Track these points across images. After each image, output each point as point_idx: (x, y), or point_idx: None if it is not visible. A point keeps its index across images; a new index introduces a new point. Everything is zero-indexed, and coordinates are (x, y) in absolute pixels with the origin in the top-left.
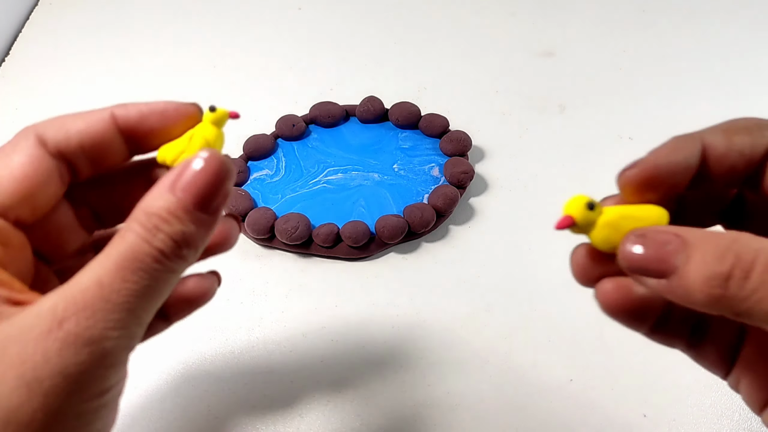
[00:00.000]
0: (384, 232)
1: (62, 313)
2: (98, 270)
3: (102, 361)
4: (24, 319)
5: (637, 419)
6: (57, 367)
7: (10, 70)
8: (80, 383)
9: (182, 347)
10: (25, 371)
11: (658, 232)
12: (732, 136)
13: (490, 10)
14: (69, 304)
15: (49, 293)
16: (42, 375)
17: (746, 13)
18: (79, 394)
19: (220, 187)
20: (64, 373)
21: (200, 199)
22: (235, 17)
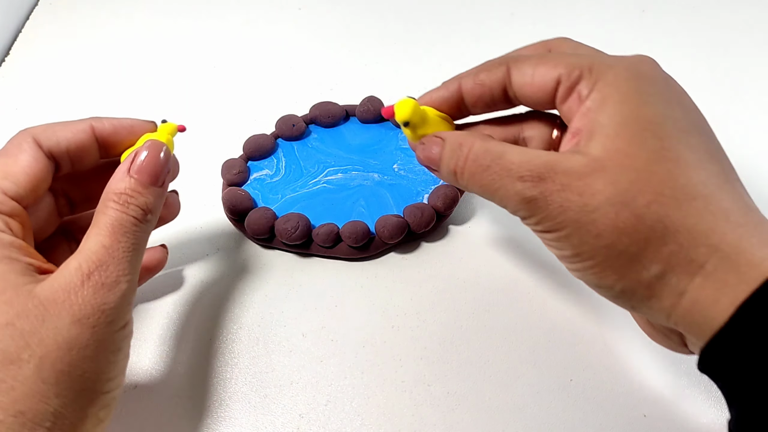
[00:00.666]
0: (384, 232)
1: (87, 269)
2: (98, 238)
3: (122, 298)
4: (60, 277)
5: (637, 419)
6: (95, 305)
7: (10, 70)
8: (112, 317)
9: (182, 347)
10: (74, 311)
11: (431, 137)
12: (479, 73)
13: (490, 10)
14: (89, 263)
15: (68, 259)
16: (86, 313)
17: (746, 13)
18: (112, 326)
19: (163, 166)
20: (101, 309)
21: (151, 176)
22: (235, 17)
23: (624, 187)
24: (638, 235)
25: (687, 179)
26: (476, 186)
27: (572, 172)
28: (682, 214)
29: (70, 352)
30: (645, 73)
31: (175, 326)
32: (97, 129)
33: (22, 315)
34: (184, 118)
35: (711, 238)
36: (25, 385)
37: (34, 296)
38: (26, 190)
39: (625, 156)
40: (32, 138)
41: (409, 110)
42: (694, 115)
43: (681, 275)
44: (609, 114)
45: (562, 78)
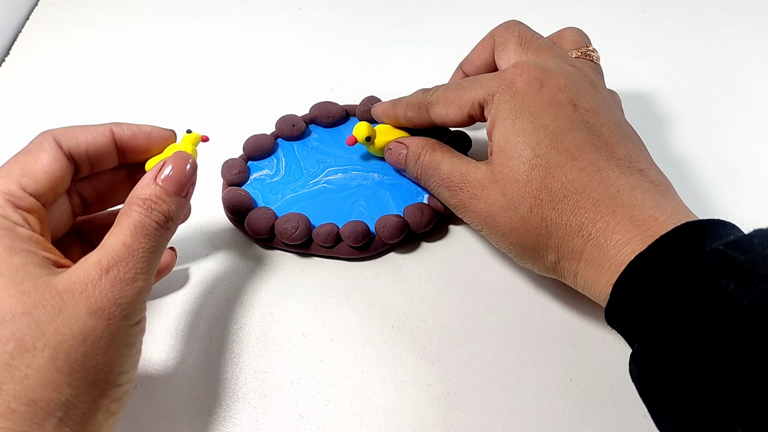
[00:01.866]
0: (384, 232)
1: (106, 264)
2: (120, 236)
3: (138, 295)
4: (78, 270)
5: (636, 419)
6: (112, 299)
7: (10, 70)
8: (127, 311)
9: (182, 347)
10: (91, 303)
11: (396, 143)
12: (407, 112)
13: (490, 10)
14: (109, 258)
15: (88, 254)
16: (103, 305)
17: (746, 13)
18: (127, 320)
19: (189, 177)
20: (117, 303)
21: (177, 186)
22: (235, 17)
23: (511, 196)
24: (530, 233)
25: (557, 181)
26: (429, 190)
27: (477, 184)
28: (557, 213)
29: (84, 343)
30: (518, 89)
31: (175, 326)
32: (116, 133)
33: (39, 305)
34: (184, 118)
35: (583, 230)
36: (39, 373)
37: (52, 287)
38: (45, 188)
39: (509, 168)
40: (53, 138)
41: (365, 130)
42: (568, 110)
43: (569, 261)
44: (498, 132)
45: (471, 113)
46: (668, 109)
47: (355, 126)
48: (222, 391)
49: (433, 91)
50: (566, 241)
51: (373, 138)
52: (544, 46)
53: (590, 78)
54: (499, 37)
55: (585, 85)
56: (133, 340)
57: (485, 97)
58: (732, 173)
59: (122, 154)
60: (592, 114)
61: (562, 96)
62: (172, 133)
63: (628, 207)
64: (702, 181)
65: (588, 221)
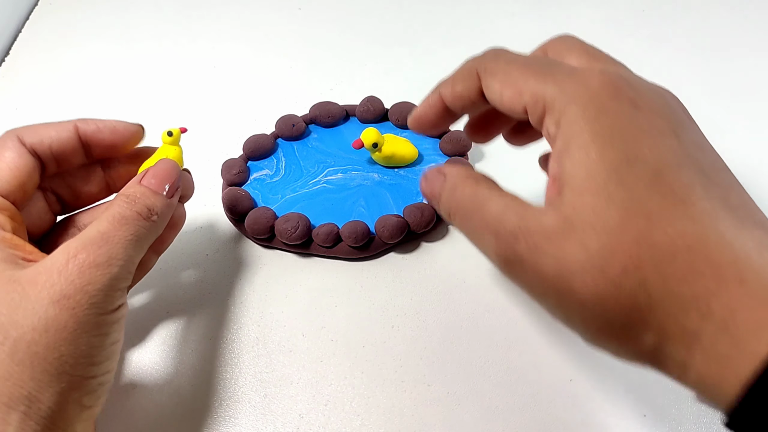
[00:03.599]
0: (384, 232)
1: (74, 250)
2: (97, 226)
3: (112, 281)
4: (45, 261)
5: (637, 419)
6: (78, 285)
7: (10, 70)
8: (97, 299)
9: (182, 347)
10: (55, 292)
11: (435, 171)
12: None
13: (490, 10)
14: (79, 245)
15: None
16: (68, 293)
17: (746, 13)
18: (96, 308)
19: (172, 179)
20: (84, 290)
21: (160, 184)
22: (235, 17)
23: (596, 251)
24: (621, 304)
25: (663, 234)
26: (463, 232)
27: (542, 232)
28: (662, 277)
29: (46, 334)
30: (604, 105)
31: (175, 326)
32: (81, 129)
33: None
34: (184, 118)
35: (700, 304)
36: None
37: (14, 281)
38: (11, 185)
39: (593, 213)
40: (16, 136)
41: (373, 136)
42: (670, 141)
43: (678, 346)
44: (574, 162)
45: (528, 109)
46: None
47: (363, 131)
48: (222, 391)
49: (492, 57)
50: (675, 316)
51: (380, 145)
52: (612, 59)
53: (681, 104)
54: (552, 48)
55: (681, 111)
56: (106, 329)
57: (554, 99)
58: (733, 173)
59: (89, 150)
60: (698, 149)
61: (661, 123)
62: (139, 127)
63: (761, 274)
64: None
65: (707, 292)
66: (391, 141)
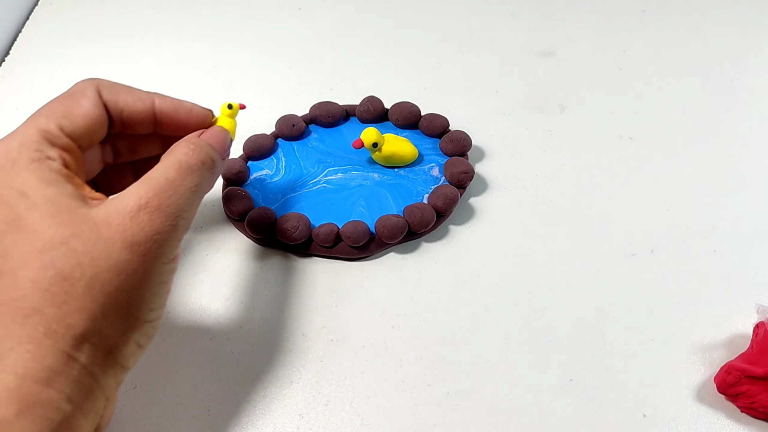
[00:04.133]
0: (384, 232)
1: (145, 196)
2: (163, 171)
3: (176, 231)
4: (116, 202)
5: (637, 419)
6: (149, 233)
7: (10, 70)
8: (163, 248)
9: (182, 347)
10: (127, 236)
11: None
12: None
13: (490, 10)
14: (149, 191)
15: (127, 188)
16: (139, 239)
17: (746, 12)
18: (161, 257)
19: (225, 146)
20: (153, 239)
21: (214, 142)
22: (235, 17)
23: None
24: None
25: None
26: None
27: None
28: None
29: (118, 277)
30: None
31: (175, 326)
32: (158, 104)
33: (77, 235)
34: None
35: None
36: (77, 301)
37: (89, 219)
38: (82, 131)
39: None
40: (96, 88)
41: (373, 136)
42: None
43: None
44: None
45: None
46: (668, 109)
47: (363, 130)
48: (222, 391)
49: None
50: None
51: (380, 145)
52: None
53: None
54: None
55: None
56: (165, 278)
57: None
58: (732, 173)
59: (159, 125)
60: None
61: None
62: (209, 112)
63: None
64: (702, 180)
65: None
66: (391, 141)
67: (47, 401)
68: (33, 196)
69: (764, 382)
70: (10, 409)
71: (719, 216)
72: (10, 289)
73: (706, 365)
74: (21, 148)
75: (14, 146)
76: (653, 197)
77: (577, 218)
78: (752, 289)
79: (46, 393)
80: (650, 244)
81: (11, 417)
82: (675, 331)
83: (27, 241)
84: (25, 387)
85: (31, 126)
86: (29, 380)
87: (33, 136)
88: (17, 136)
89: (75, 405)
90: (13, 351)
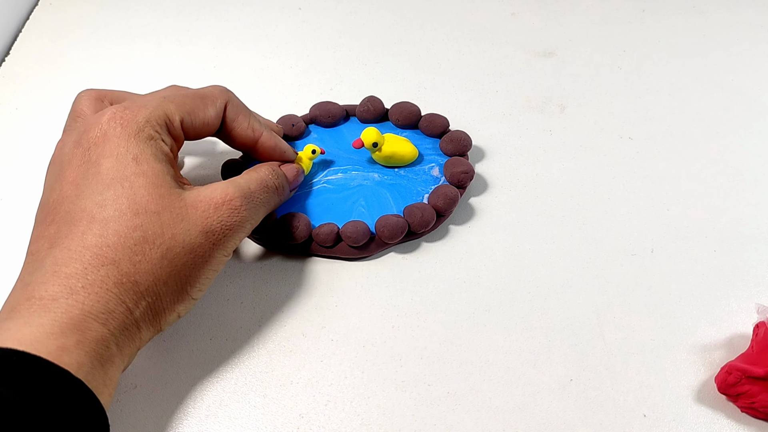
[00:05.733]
0: (384, 232)
1: (231, 195)
2: (249, 182)
3: (241, 232)
4: (206, 191)
5: (637, 419)
6: (226, 226)
7: (10, 70)
8: (228, 241)
9: (182, 347)
10: (206, 224)
11: None
12: None
13: (490, 10)
14: (236, 192)
15: (217, 183)
16: (216, 229)
17: (746, 12)
18: (224, 249)
19: (296, 176)
20: (226, 233)
21: (290, 176)
22: (235, 17)
23: None
24: None
25: None
26: None
27: None
28: None
29: (188, 255)
30: None
31: (175, 326)
32: (262, 140)
33: (167, 209)
34: None
35: None
36: (149, 264)
37: (182, 198)
38: (194, 133)
39: None
40: (225, 101)
41: (373, 136)
42: None
43: None
44: None
45: None
46: (668, 109)
47: (363, 130)
48: (222, 391)
49: None
50: None
51: (380, 145)
52: None
53: None
54: None
55: None
56: (219, 266)
57: None
58: (732, 173)
59: (253, 152)
60: None
61: None
62: (296, 155)
63: None
64: (702, 180)
65: None
66: (391, 141)
67: (101, 339)
68: (144, 166)
69: (765, 382)
70: (71, 338)
71: (719, 216)
72: (98, 236)
73: (707, 365)
74: (146, 123)
75: (142, 118)
76: (653, 197)
77: (577, 218)
78: (752, 289)
79: (101, 332)
80: (650, 244)
81: (71, 345)
82: (675, 331)
83: (126, 201)
84: (87, 323)
85: (160, 108)
86: (91, 318)
87: (159, 118)
88: (146, 109)
89: (119, 347)
90: (84, 290)
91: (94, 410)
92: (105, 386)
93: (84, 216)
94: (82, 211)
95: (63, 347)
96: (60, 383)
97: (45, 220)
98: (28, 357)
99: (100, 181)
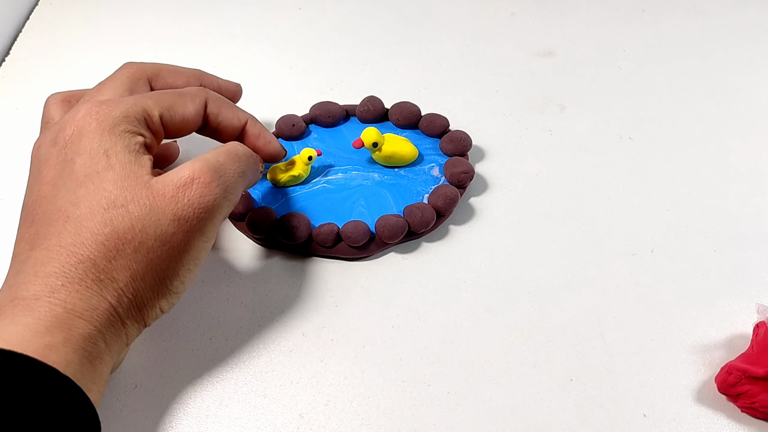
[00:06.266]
0: (384, 232)
1: (198, 172)
2: (216, 156)
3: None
4: (171, 175)
5: (637, 419)
6: (196, 208)
7: (10, 70)
8: (206, 228)
9: (182, 347)
10: (176, 210)
11: None
12: None
13: (490, 10)
14: (202, 167)
15: (182, 165)
16: (187, 215)
17: (746, 13)
18: (202, 235)
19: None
20: (198, 216)
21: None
22: (236, 17)
23: None
24: None
25: None
26: None
27: None
28: None
29: (162, 247)
30: None
31: (175, 326)
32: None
33: (135, 201)
34: None
35: None
36: (124, 259)
37: (149, 187)
38: (174, 129)
39: None
40: (205, 99)
41: (373, 136)
42: None
43: None
44: None
45: None
46: (668, 109)
47: (363, 130)
48: (222, 391)
49: None
50: None
51: (380, 145)
52: None
53: None
54: None
55: None
56: (201, 255)
57: None
58: (732, 173)
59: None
60: None
61: None
62: (283, 150)
63: None
64: (702, 180)
65: None
66: (391, 141)
67: (88, 336)
68: (112, 159)
69: (765, 382)
70: (57, 336)
71: (719, 216)
72: (73, 235)
73: (707, 365)
74: (124, 119)
75: (119, 113)
76: (653, 197)
77: (577, 218)
78: (752, 289)
79: (87, 329)
80: (650, 244)
81: (58, 344)
82: (675, 331)
83: (96, 196)
84: (72, 320)
85: (139, 104)
86: (75, 315)
87: (138, 113)
88: (124, 105)
89: (106, 344)
90: (64, 288)
91: (83, 407)
92: (94, 383)
93: (60, 216)
94: (58, 211)
95: (50, 345)
96: (48, 381)
97: (26, 222)
98: (15, 356)
99: (74, 179)
